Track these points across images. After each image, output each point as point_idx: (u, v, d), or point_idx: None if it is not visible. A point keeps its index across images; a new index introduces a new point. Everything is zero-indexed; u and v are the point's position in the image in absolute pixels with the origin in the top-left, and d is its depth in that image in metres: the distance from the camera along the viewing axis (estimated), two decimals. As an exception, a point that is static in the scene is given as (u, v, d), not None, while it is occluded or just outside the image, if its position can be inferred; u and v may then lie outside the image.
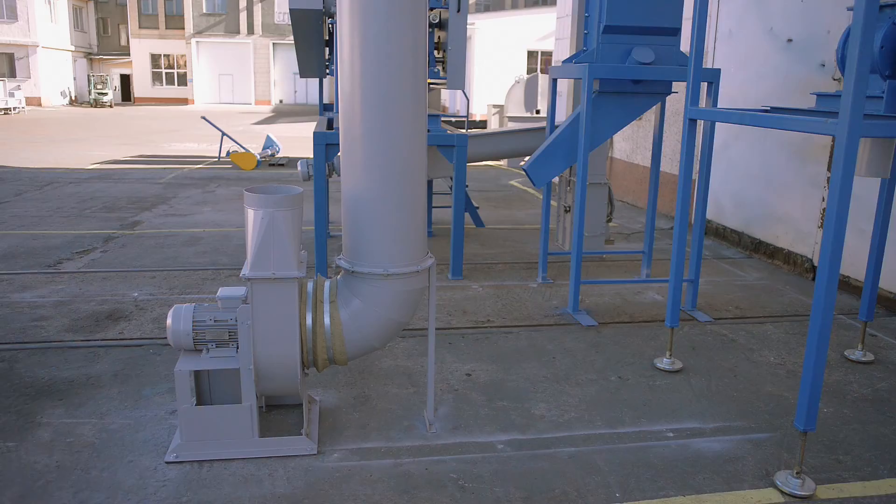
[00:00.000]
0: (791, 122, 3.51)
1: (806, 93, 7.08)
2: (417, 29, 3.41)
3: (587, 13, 6.04)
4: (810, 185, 7.10)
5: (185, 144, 21.23)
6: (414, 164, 3.54)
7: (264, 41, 47.10)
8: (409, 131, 3.47)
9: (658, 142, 6.63)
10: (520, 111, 19.00)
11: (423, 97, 3.54)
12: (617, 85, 5.85)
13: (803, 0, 7.18)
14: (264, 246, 3.32)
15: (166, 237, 8.46)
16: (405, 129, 3.46)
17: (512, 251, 8.13)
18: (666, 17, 5.74)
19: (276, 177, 14.36)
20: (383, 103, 3.39)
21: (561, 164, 6.03)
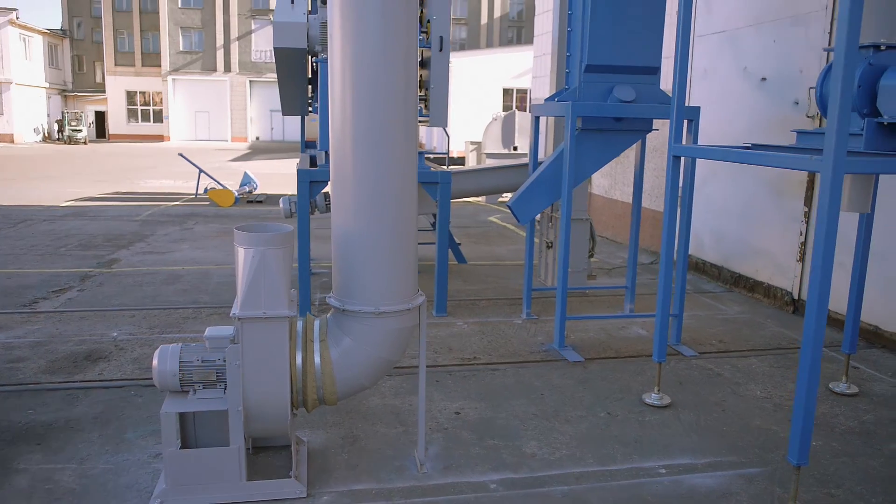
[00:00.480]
0: (776, 160, 3.57)
1: (781, 130, 7.24)
2: (409, 70, 3.44)
3: (569, 52, 6.15)
4: (788, 220, 7.23)
5: (162, 181, 21.10)
6: (405, 202, 3.54)
7: (241, 79, 47.27)
8: (400, 169, 3.48)
9: (639, 178, 6.72)
10: (497, 148, 19.18)
11: (415, 135, 3.56)
12: (599, 122, 5.94)
13: (775, 41, 7.39)
14: (255, 284, 3.28)
15: (145, 275, 8.34)
16: (397, 167, 3.46)
17: (495, 287, 8.13)
18: (646, 57, 5.87)
19: (255, 214, 14.29)
20: (375, 142, 3.40)
21: (545, 201, 6.07)
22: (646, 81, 5.93)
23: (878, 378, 5.41)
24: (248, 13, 46.40)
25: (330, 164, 3.60)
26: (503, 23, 47.74)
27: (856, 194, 3.99)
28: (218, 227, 12.18)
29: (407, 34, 3.42)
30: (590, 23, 5.70)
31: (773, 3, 7.42)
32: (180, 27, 46.45)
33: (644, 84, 5.92)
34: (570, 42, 6.12)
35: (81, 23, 53.62)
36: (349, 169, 3.47)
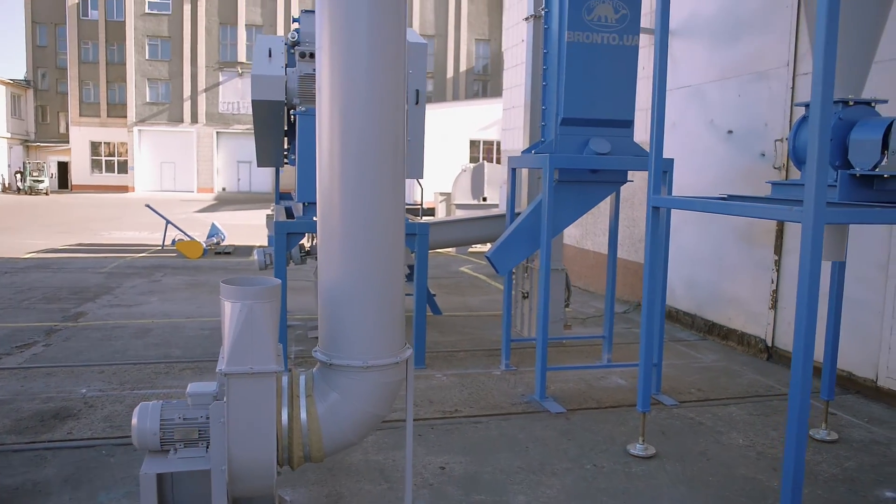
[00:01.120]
0: (757, 210, 3.66)
1: (749, 180, 7.44)
2: (397, 123, 3.47)
3: (544, 106, 6.29)
4: (759, 268, 7.37)
5: (127, 232, 20.79)
6: (393, 254, 3.52)
7: (208, 130, 47.24)
8: (388, 221, 3.48)
9: (614, 229, 6.81)
10: (467, 199, 19.37)
11: (402, 188, 3.57)
12: (576, 174, 6.04)
13: (740, 95, 7.65)
14: (242, 339, 3.21)
15: (113, 329, 8.13)
16: (385, 220, 3.46)
17: (471, 338, 8.09)
18: (620, 110, 6.02)
19: (224, 265, 14.11)
20: (363, 194, 3.40)
21: (524, 252, 6.11)
22: (620, 134, 6.07)
23: (856, 424, 5.47)
24: (215, 65, 46.65)
25: (317, 217, 3.58)
26: (469, 76, 48.72)
27: (831, 243, 4.09)
28: (187, 280, 11.98)
29: (395, 88, 3.46)
30: (565, 77, 5.85)
31: (737, 59, 7.70)
32: (147, 78, 46.46)
33: (618, 136, 6.06)
34: (546, 96, 6.25)
35: (46, 73, 53.35)
36: (336, 221, 3.45)
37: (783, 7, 7.00)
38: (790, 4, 6.90)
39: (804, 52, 6.76)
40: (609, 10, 5.86)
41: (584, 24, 5.81)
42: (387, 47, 3.41)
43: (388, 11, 3.40)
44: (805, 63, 6.76)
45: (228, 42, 46.56)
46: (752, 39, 7.46)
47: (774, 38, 7.12)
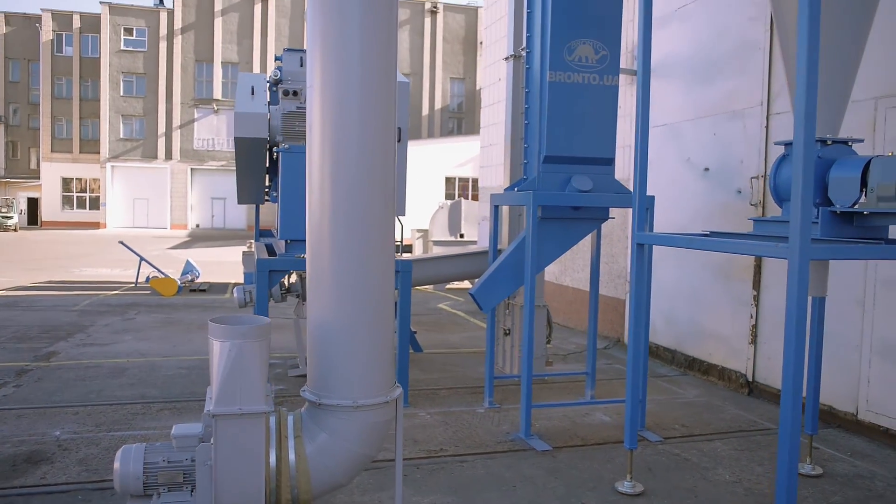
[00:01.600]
0: (743, 247, 3.71)
1: (727, 217, 7.57)
2: (387, 161, 3.49)
3: (526, 144, 6.36)
4: (738, 303, 7.45)
5: (99, 270, 20.45)
6: (384, 293, 3.51)
7: (182, 166, 47.00)
8: (379, 259, 3.47)
9: (595, 265, 6.86)
10: (444, 235, 19.41)
11: (392, 226, 3.57)
12: (558, 211, 6.09)
13: (715, 134, 7.82)
14: (231, 379, 3.16)
15: (87, 369, 7.94)
16: (376, 258, 3.45)
17: (453, 376, 8.04)
18: (601, 148, 6.11)
19: (199, 302, 13.92)
20: (354, 232, 3.40)
21: (508, 288, 6.12)
22: (601, 171, 6.16)
23: (839, 458, 5.50)
24: (191, 102, 46.63)
25: (307, 254, 3.56)
26: (444, 114, 49.24)
27: (814, 279, 4.16)
28: (162, 317, 11.79)
29: (386, 126, 3.48)
30: (547, 116, 5.94)
31: (712, 99, 7.89)
32: (121, 115, 46.25)
33: (599, 174, 6.14)
34: (528, 134, 6.33)
35: (18, 109, 52.85)
36: (326, 259, 3.44)
37: (755, 49, 7.21)
38: (762, 47, 7.11)
39: (777, 93, 6.95)
40: (589, 50, 5.99)
41: (565, 65, 5.93)
42: (379, 86, 3.44)
43: (380, 52, 3.44)
44: (778, 103, 6.94)
45: (204, 79, 46.64)
46: (726, 80, 7.66)
47: (748, 79, 7.31)
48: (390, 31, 3.48)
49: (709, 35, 7.94)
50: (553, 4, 5.87)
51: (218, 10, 46.10)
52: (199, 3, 45.96)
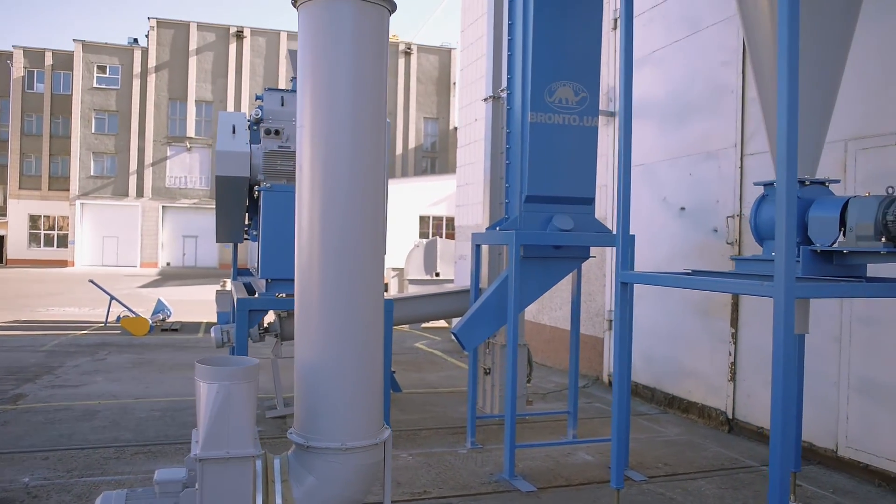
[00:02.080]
0: (729, 286, 3.76)
1: (703, 255, 7.68)
2: (377, 199, 3.50)
3: (507, 183, 6.42)
4: (717, 341, 7.52)
5: (67, 309, 20.03)
6: (373, 332, 3.48)
7: (154, 204, 46.55)
8: (369, 299, 3.45)
9: (576, 304, 6.89)
10: (420, 274, 19.39)
11: (382, 266, 3.56)
12: (540, 251, 6.13)
13: (691, 174, 7.97)
14: (218, 422, 3.09)
15: (56, 411, 7.72)
16: (365, 297, 3.43)
17: (433, 416, 7.96)
18: (581, 188, 6.20)
19: (171, 342, 13.68)
20: (344, 271, 3.38)
21: (491, 327, 6.12)
22: (582, 211, 6.23)
23: (821, 495, 5.52)
24: (164, 139, 46.43)
25: (295, 294, 3.53)
26: (418, 153, 49.60)
27: (798, 317, 4.21)
28: (134, 358, 11.54)
29: (376, 165, 3.50)
30: (529, 156, 6.01)
31: (687, 140, 8.06)
32: (92, 152, 45.84)
33: (580, 213, 6.21)
34: (509, 174, 6.40)
35: (-15, 146, 52.12)
36: (316, 299, 3.41)
37: (728, 92, 7.41)
38: (735, 90, 7.31)
39: (750, 134, 7.12)
40: (570, 92, 6.10)
41: (546, 106, 6.03)
42: (369, 126, 3.46)
43: (370, 92, 3.48)
44: (751, 144, 7.12)
45: (178, 117, 46.54)
46: (701, 122, 7.84)
47: (721, 121, 7.49)
48: (380, 73, 3.52)
49: (683, 78, 8.15)
50: (534, 48, 5.99)
51: (193, 48, 46.25)
52: (173, 42, 46.10)
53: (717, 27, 7.55)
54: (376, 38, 3.47)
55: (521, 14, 6.23)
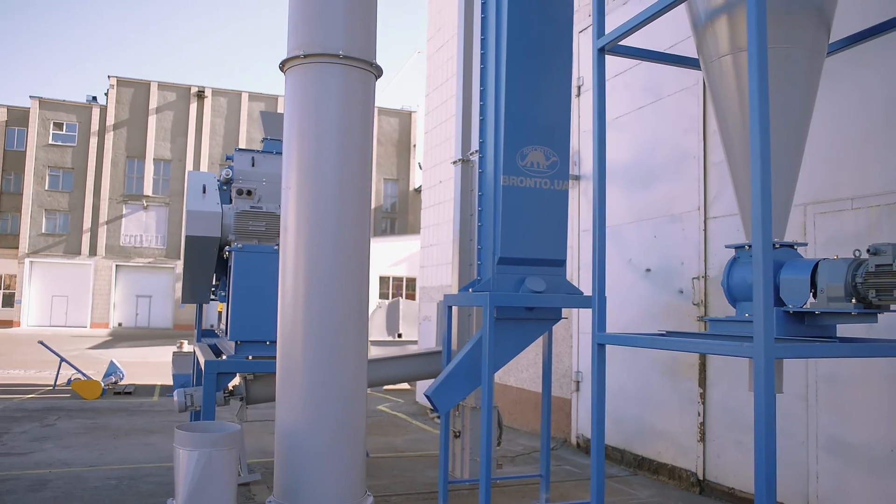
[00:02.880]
0: (707, 346, 3.82)
1: (669, 316, 7.80)
2: (363, 262, 3.49)
3: (480, 245, 6.48)
4: (686, 402, 7.57)
5: (12, 371, 19.22)
6: (357, 396, 3.43)
7: (107, 263, 45.53)
8: (352, 362, 3.41)
9: (548, 366, 6.89)
10: (382, 335, 19.24)
11: (366, 328, 3.53)
12: (513, 312, 6.14)
13: (656, 236, 8.16)
14: (198, 492, 2.97)
15: (3, 482, 7.32)
16: (349, 361, 3.39)
17: (402, 481, 7.77)
18: (553, 250, 6.28)
19: (125, 406, 13.20)
20: (329, 334, 3.34)
21: (465, 390, 6.06)
22: (554, 273, 6.30)
23: (796, 559, 5.51)
24: (120, 197, 45.78)
25: (277, 357, 3.46)
26: (377, 214, 49.82)
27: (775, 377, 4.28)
28: (86, 423, 11.08)
29: (361, 228, 3.51)
30: (501, 219, 6.08)
31: (651, 203, 8.28)
32: (45, 209, 44.89)
33: (552, 275, 6.28)
34: (481, 236, 6.46)
35: (-70, 202, 50.63)
36: (299, 362, 3.35)
37: (690, 158, 7.67)
38: (697, 156, 7.57)
39: (713, 198, 7.36)
40: (541, 156, 6.24)
41: (518, 170, 6.15)
42: (354, 189, 3.49)
43: (356, 155, 3.51)
44: (714, 207, 7.34)
45: (135, 175, 46.06)
46: (664, 185, 8.08)
47: (684, 185, 7.73)
48: (366, 136, 3.57)
49: (646, 143, 8.43)
50: (507, 113, 6.14)
51: (153, 107, 46.18)
52: (133, 100, 45.97)
53: (679, 95, 7.86)
54: (363, 102, 3.53)
55: (493, 80, 6.40)
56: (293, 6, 3.54)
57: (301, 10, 3.49)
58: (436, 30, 15.40)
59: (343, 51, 3.41)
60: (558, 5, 6.40)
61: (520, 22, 6.19)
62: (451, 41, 14.49)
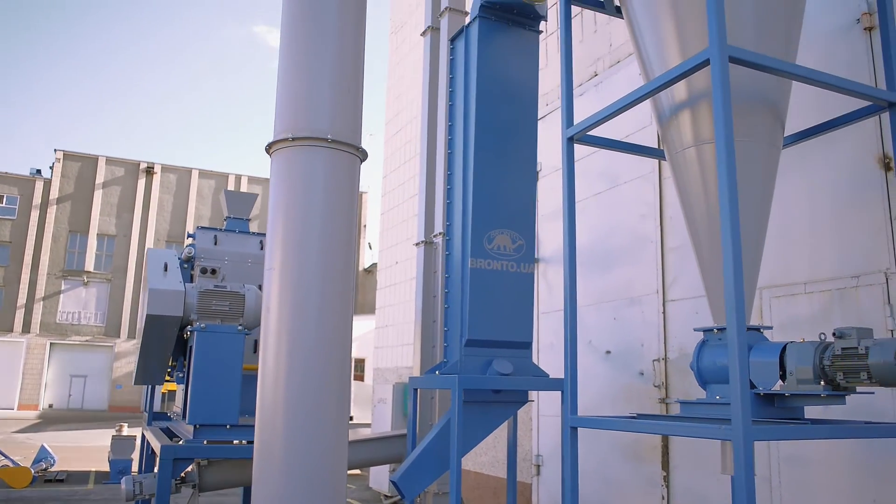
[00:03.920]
0: (683, 429, 3.86)
1: (630, 398, 7.85)
2: (345, 345, 3.46)
3: (446, 327, 6.48)
4: (648, 484, 7.54)
5: (-67, 459, 17.95)
6: (337, 481, 3.33)
7: (41, 341, 43.63)
8: (333, 447, 3.33)
9: (512, 449, 6.81)
10: (333, 415, 18.77)
11: (347, 413, 3.47)
12: (479, 395, 6.10)
13: (615, 318, 8.30)
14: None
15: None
16: (330, 446, 3.31)
17: (361, 572, 7.45)
18: (520, 332, 6.33)
19: (56, 495, 12.45)
20: (310, 419, 3.27)
21: (432, 475, 5.93)
22: (520, 355, 6.32)
23: None
24: (59, 273, 44.34)
25: (255, 441, 3.36)
26: (327, 292, 49.46)
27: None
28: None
29: (344, 311, 3.49)
30: (469, 301, 6.12)
31: (610, 286, 8.45)
32: (-24, 285, 43.16)
33: (519, 357, 6.30)
34: (448, 318, 6.46)
35: None
36: (278, 447, 3.26)
37: (648, 242, 7.92)
38: (654, 240, 7.83)
39: (671, 282, 7.57)
40: (507, 240, 6.37)
41: (485, 253, 6.24)
42: (338, 272, 3.49)
43: (340, 237, 3.53)
44: (672, 291, 7.54)
45: (77, 250, 44.85)
46: (623, 269, 8.28)
47: (643, 269, 7.95)
48: (350, 219, 3.60)
49: (604, 228, 8.67)
50: (474, 196, 6.28)
51: (99, 182, 45.53)
52: (79, 174, 45.26)
53: (635, 182, 8.18)
54: (348, 186, 3.58)
55: (460, 164, 6.56)
56: (282, 90, 3.62)
57: (289, 94, 3.57)
58: (394, 114, 15.80)
59: (331, 135, 3.48)
60: (525, 93, 6.67)
61: (488, 109, 6.42)
62: (409, 125, 14.86)
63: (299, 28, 3.65)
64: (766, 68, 4.09)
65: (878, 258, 5.62)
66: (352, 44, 3.75)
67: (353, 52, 3.77)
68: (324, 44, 3.62)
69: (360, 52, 3.81)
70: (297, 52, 3.63)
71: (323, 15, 3.63)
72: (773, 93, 4.54)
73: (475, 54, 6.49)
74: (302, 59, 3.61)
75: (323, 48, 3.61)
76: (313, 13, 3.59)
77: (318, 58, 3.61)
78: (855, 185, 5.82)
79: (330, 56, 3.63)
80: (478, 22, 6.51)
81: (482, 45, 6.49)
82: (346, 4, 3.76)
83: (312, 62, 3.59)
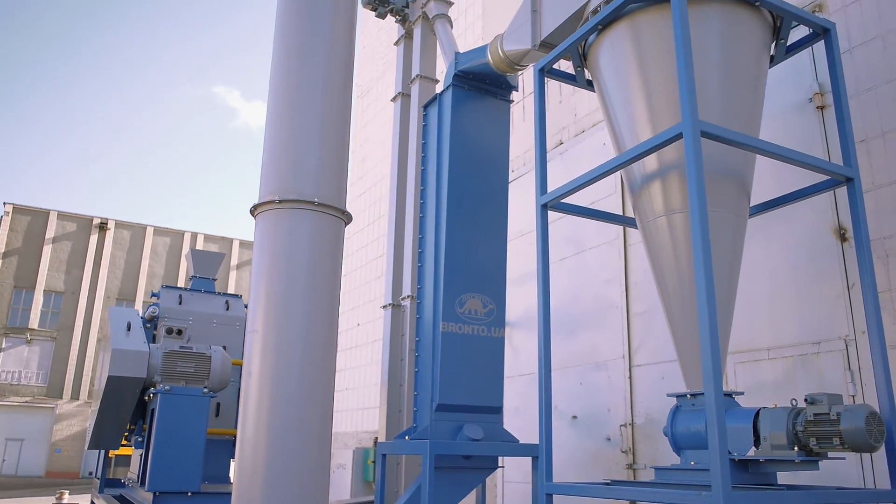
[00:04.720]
0: (663, 496, 3.86)
1: (597, 463, 7.82)
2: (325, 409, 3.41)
3: (416, 392, 6.42)
4: (617, 554, 7.45)
5: None
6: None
7: (-23, 402, 41.53)
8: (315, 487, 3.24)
9: (482, 515, 6.70)
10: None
11: (327, 474, 3.39)
12: (449, 461, 6.01)
13: (581, 383, 8.33)
14: None
15: None
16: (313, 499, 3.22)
17: None
18: (490, 397, 6.30)
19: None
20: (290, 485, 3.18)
21: (402, 543, 5.77)
22: (491, 420, 6.29)
23: None
24: (0, 330, 42.63)
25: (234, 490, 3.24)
26: (282, 353, 48.47)
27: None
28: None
29: (325, 375, 3.45)
30: (440, 365, 6.09)
31: (575, 351, 8.51)
32: None
33: (489, 422, 6.26)
34: (419, 382, 6.41)
35: None
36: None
37: (613, 307, 8.04)
38: (619, 306, 7.95)
39: (637, 347, 7.66)
40: (478, 304, 6.40)
41: (456, 317, 6.26)
42: (321, 336, 3.47)
43: (324, 300, 3.52)
44: (638, 356, 7.63)
45: (21, 307, 43.26)
46: (588, 333, 8.36)
47: (608, 334, 8.04)
48: (335, 281, 3.60)
49: (569, 293, 8.78)
50: (446, 260, 6.32)
51: (49, 237, 44.33)
52: (28, 229, 44.04)
53: (601, 248, 8.35)
54: (333, 249, 3.59)
55: (432, 229, 6.62)
56: (268, 153, 3.64)
57: (276, 158, 3.59)
58: (358, 176, 15.94)
59: (318, 198, 3.50)
60: (496, 160, 6.82)
61: (461, 174, 6.54)
62: (374, 187, 14.99)
63: (288, 93, 3.70)
64: (735, 143, 4.28)
65: (837, 325, 5.80)
66: (338, 109, 3.82)
67: (339, 118, 3.83)
68: (311, 109, 3.67)
69: (346, 117, 3.88)
70: (284, 116, 3.67)
71: (311, 80, 3.69)
72: (739, 165, 4.74)
73: (448, 121, 6.64)
74: (289, 123, 3.66)
75: (310, 113, 3.67)
76: (302, 79, 3.65)
77: (305, 122, 3.66)
78: (814, 254, 6.05)
79: (317, 121, 3.69)
80: (451, 90, 6.69)
81: (455, 112, 6.65)
82: (334, 71, 3.84)
83: (300, 127, 3.63)
